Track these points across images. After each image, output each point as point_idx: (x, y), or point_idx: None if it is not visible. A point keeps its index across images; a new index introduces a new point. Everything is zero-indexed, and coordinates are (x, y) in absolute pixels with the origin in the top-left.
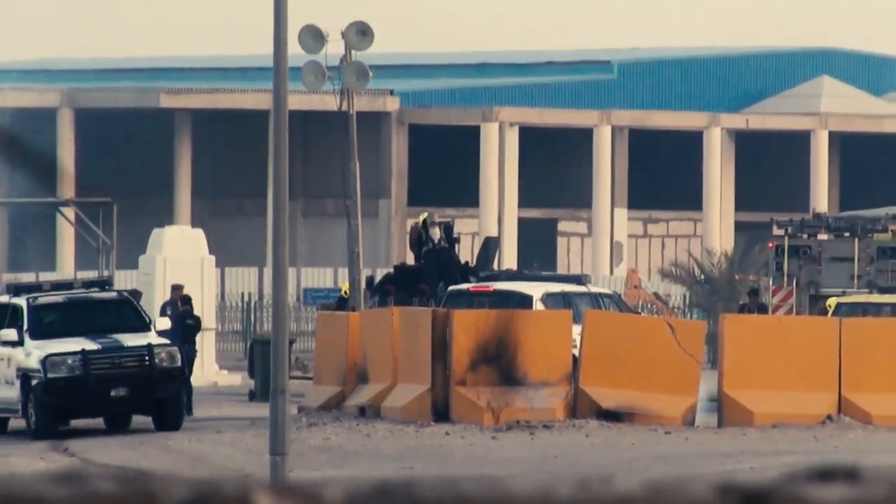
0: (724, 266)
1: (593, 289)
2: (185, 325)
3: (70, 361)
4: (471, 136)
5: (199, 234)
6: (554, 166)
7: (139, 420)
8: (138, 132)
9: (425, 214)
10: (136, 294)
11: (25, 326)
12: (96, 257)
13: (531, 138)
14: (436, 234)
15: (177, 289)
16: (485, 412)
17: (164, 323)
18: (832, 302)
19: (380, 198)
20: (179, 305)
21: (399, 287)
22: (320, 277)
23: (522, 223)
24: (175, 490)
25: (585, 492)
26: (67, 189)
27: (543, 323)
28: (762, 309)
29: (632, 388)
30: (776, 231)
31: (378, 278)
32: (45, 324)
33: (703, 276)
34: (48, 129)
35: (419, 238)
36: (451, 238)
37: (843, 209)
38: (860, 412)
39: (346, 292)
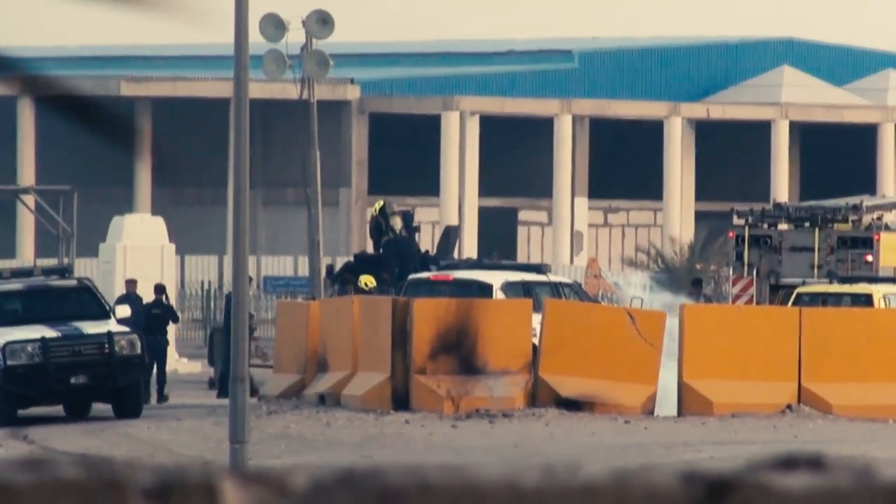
0: (684, 255)
1: (553, 278)
2: (150, 315)
3: (29, 349)
4: (431, 125)
5: (160, 222)
6: (514, 155)
7: (99, 407)
8: None
9: (381, 202)
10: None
11: None
12: (56, 245)
13: (492, 127)
14: (396, 223)
15: (130, 283)
16: (445, 400)
17: (125, 311)
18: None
19: (340, 186)
20: (154, 296)
21: (359, 276)
22: (280, 266)
23: (483, 212)
24: (140, 477)
25: (551, 480)
26: (27, 176)
27: (503, 312)
28: (707, 301)
29: (592, 377)
30: (736, 221)
31: (338, 267)
32: (5, 311)
33: (663, 266)
34: (8, 117)
35: (378, 227)
36: (410, 227)
37: (803, 199)
38: (820, 402)
39: (366, 284)
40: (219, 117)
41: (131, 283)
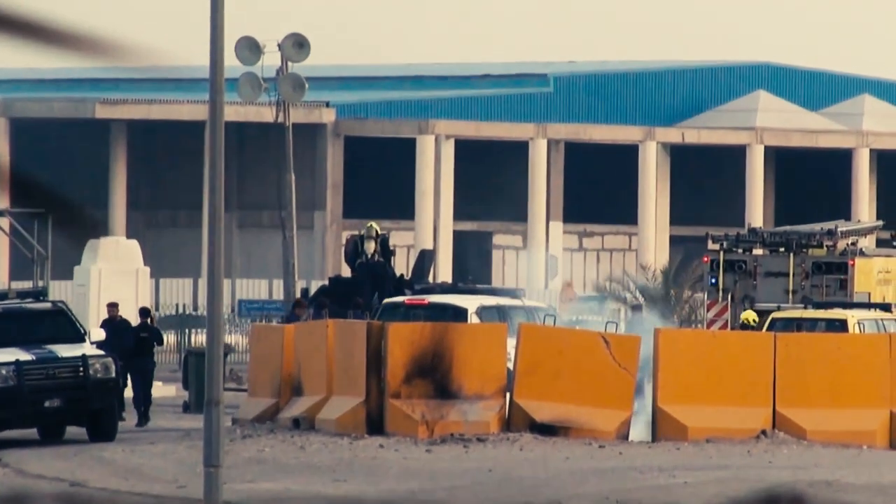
0: (658, 281)
1: (528, 302)
2: (139, 338)
3: (4, 372)
4: (406, 149)
5: (134, 245)
6: (489, 179)
7: (73, 431)
8: (73, 143)
9: (371, 224)
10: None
11: None
12: (31, 268)
13: (467, 151)
14: (371, 247)
15: (112, 307)
16: (419, 425)
17: (100, 334)
18: (748, 316)
19: (315, 210)
20: (139, 319)
21: (334, 299)
22: (255, 289)
23: (458, 236)
24: None
25: None
26: (2, 199)
27: (478, 336)
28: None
29: (566, 402)
30: (711, 245)
31: (313, 290)
32: None
33: (637, 291)
34: None
35: (355, 249)
36: (386, 251)
37: (778, 224)
38: (794, 427)
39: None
40: (194, 140)
41: (114, 307)
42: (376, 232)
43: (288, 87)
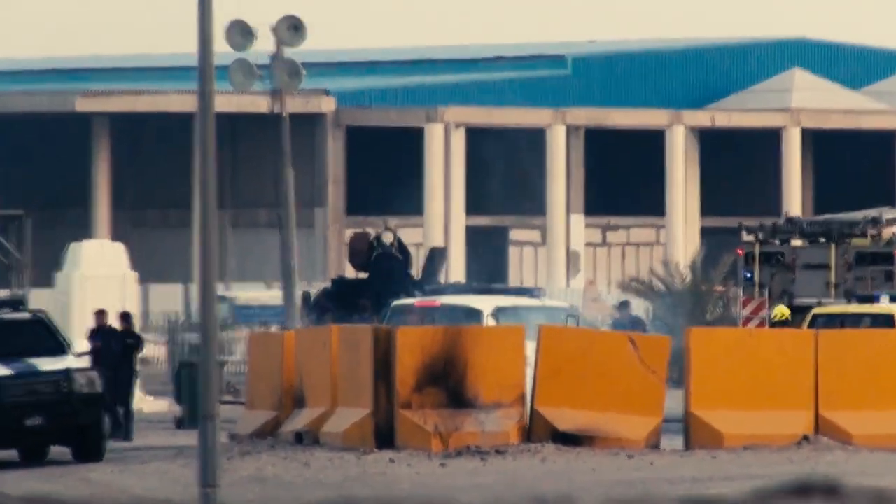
0: (687, 277)
1: (548, 302)
2: (125, 345)
3: None
4: (413, 139)
5: (120, 248)
6: (504, 170)
7: (57, 451)
8: (53, 138)
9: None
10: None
11: None
12: (8, 275)
13: (479, 140)
14: (388, 238)
15: (101, 314)
16: (432, 437)
17: (83, 345)
18: (780, 312)
19: (315, 206)
20: (120, 325)
21: (338, 303)
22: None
23: (470, 232)
24: None
25: None
26: None
27: (495, 339)
28: (635, 323)
29: (591, 409)
30: (745, 237)
31: (314, 294)
32: None
33: (664, 289)
34: None
35: (370, 247)
36: (404, 251)
37: (817, 212)
38: (839, 432)
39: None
40: (183, 133)
41: (102, 315)
42: (394, 233)
43: (283, 74)
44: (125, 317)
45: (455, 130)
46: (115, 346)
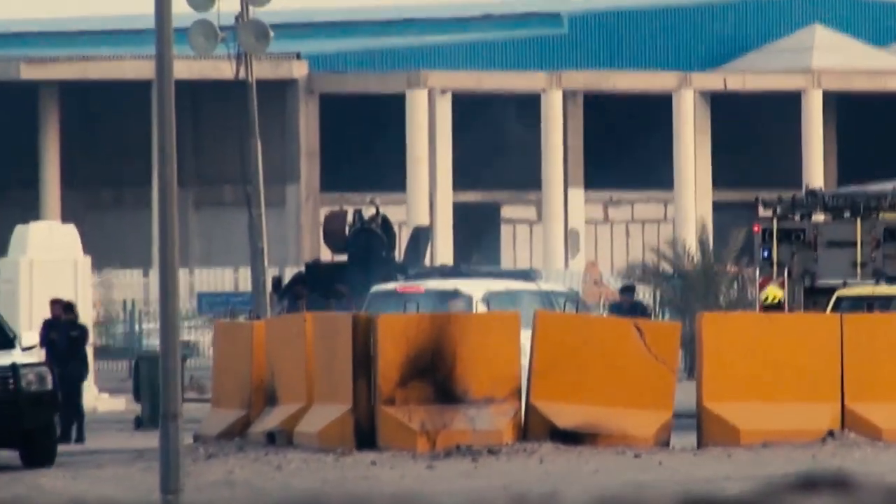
0: (697, 257)
1: (545, 286)
2: (69, 337)
3: None
4: (394, 107)
5: (72, 230)
6: (495, 140)
7: (3, 455)
8: None
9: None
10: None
11: None
12: None
13: (467, 107)
14: (369, 212)
15: (56, 303)
16: (418, 436)
17: (31, 338)
18: (770, 293)
19: (286, 183)
20: (63, 315)
21: (312, 288)
22: (217, 280)
23: (459, 209)
24: None
25: None
26: None
27: (486, 328)
28: (635, 309)
29: (593, 404)
30: (762, 212)
31: (287, 278)
32: None
33: (673, 271)
34: None
35: (345, 225)
36: (389, 230)
37: (841, 184)
38: (867, 426)
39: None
40: (139, 103)
41: (57, 304)
42: (377, 208)
43: (250, 36)
44: (69, 307)
45: (440, 97)
46: (60, 339)
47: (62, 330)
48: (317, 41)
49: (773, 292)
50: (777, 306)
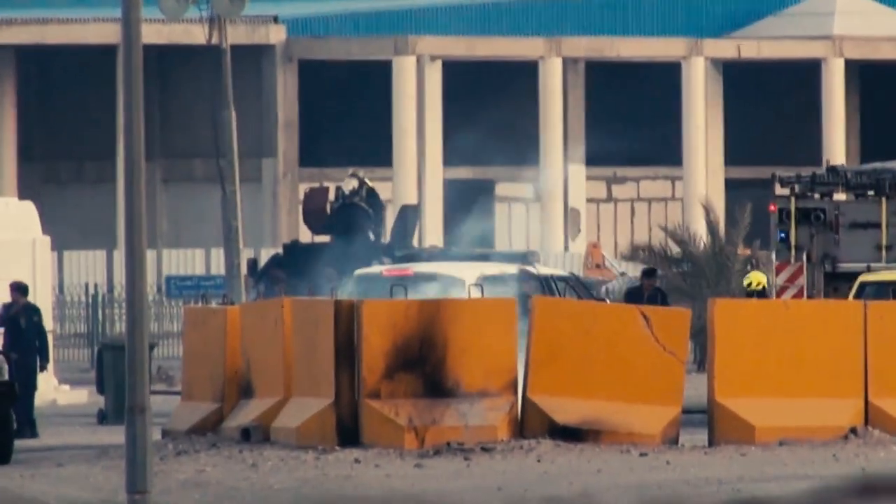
0: (707, 239)
1: (543, 269)
2: (32, 322)
3: None
4: (380, 75)
5: (29, 207)
6: (489, 112)
7: None
8: None
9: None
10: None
11: None
12: None
13: (459, 76)
14: (349, 185)
15: (17, 288)
16: (405, 432)
17: None
18: (753, 279)
19: (263, 156)
20: (20, 301)
21: (291, 271)
22: (187, 262)
23: (450, 186)
24: None
25: None
26: None
27: (480, 315)
28: (656, 296)
29: (595, 398)
30: (779, 190)
31: (263, 260)
32: None
33: (681, 253)
34: None
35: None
36: (376, 203)
37: (864, 160)
38: (893, 423)
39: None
40: (103, 69)
41: (18, 289)
42: (360, 179)
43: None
44: (20, 288)
45: (430, 64)
46: (28, 325)
47: (27, 315)
48: (295, 3)
49: (757, 277)
50: (761, 293)
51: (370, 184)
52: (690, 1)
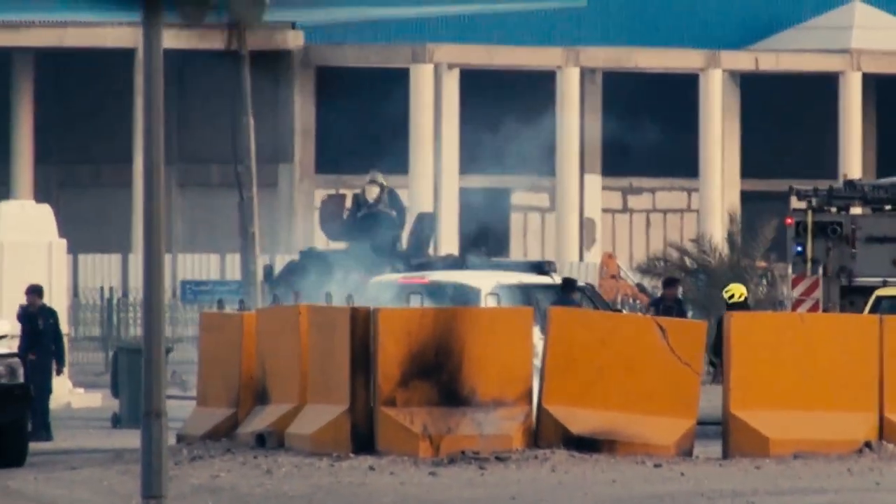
0: (725, 251)
1: (559, 279)
2: (49, 324)
3: None
4: (397, 82)
5: (46, 210)
6: (506, 121)
7: None
8: None
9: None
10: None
11: None
12: None
13: (476, 84)
14: (371, 192)
15: (33, 292)
16: (420, 440)
17: (7, 326)
18: (732, 291)
19: (280, 162)
20: (36, 303)
21: (307, 279)
22: (202, 266)
23: (466, 195)
24: None
25: None
26: None
27: (496, 324)
28: (673, 307)
29: (610, 409)
30: (796, 203)
31: (279, 267)
32: None
33: (696, 265)
34: None
35: (357, 206)
36: (397, 204)
37: (881, 174)
38: None
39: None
40: (121, 74)
41: (35, 293)
42: (382, 182)
43: (242, 3)
44: (39, 290)
45: (447, 73)
46: (45, 328)
47: (44, 317)
48: (314, 10)
49: (738, 289)
50: (742, 305)
51: (386, 184)
52: (708, 13)
